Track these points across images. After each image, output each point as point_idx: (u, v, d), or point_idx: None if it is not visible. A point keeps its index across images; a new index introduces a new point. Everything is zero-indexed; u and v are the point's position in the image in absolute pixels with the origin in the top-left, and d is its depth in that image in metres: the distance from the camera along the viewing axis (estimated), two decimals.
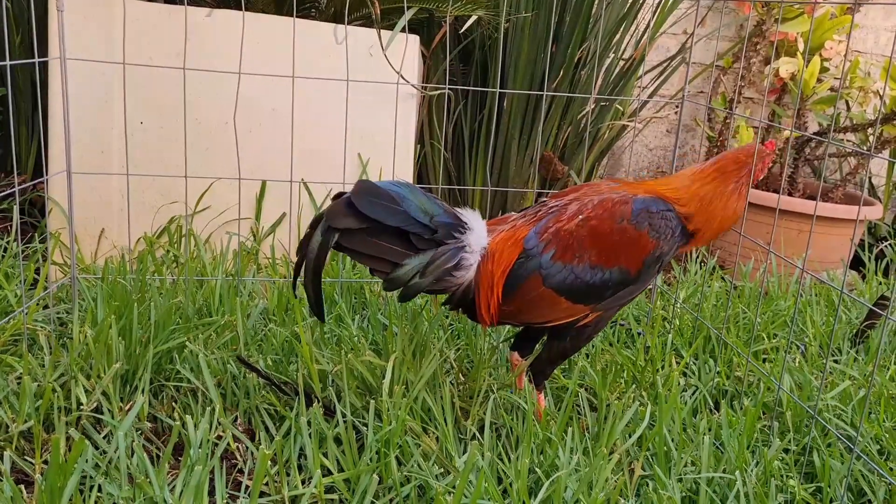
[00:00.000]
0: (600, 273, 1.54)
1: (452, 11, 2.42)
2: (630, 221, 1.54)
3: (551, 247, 1.55)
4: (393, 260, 1.51)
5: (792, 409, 1.76)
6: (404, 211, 1.49)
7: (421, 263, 1.52)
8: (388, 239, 1.51)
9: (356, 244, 1.50)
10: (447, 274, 1.55)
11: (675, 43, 3.56)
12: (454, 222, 1.55)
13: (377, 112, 2.38)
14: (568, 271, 1.54)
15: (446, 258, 1.54)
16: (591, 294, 1.56)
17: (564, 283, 1.54)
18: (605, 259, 1.54)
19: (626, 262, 1.55)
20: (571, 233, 1.55)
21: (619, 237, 1.54)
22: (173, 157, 2.30)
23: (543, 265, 1.55)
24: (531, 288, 1.56)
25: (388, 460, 1.44)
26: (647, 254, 1.55)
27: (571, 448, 1.51)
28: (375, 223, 1.48)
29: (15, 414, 1.51)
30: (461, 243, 1.55)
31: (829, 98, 3.18)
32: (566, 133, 3.03)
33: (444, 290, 1.59)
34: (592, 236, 1.54)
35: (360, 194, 1.47)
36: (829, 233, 3.04)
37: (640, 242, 1.54)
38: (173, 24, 2.26)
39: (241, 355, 1.74)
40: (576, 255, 1.54)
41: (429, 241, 1.53)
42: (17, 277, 2.05)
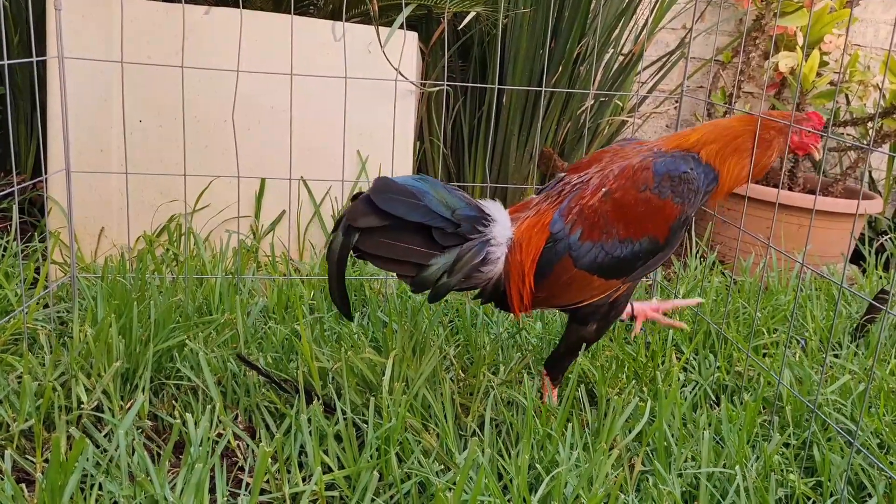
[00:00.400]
0: (630, 246, 1.53)
1: (451, 8, 2.42)
2: (653, 190, 1.52)
3: (577, 226, 1.53)
4: (418, 261, 1.49)
5: (792, 403, 1.76)
6: (425, 206, 1.46)
7: (447, 262, 1.50)
8: (410, 239, 1.48)
9: (379, 248, 1.47)
10: (475, 270, 1.52)
11: (674, 38, 3.56)
12: (477, 215, 1.52)
13: (376, 109, 2.38)
14: (598, 249, 1.53)
15: (473, 254, 1.51)
16: (622, 268, 1.54)
17: (595, 261, 1.53)
18: (633, 231, 1.53)
19: (653, 232, 1.53)
20: (596, 209, 1.53)
21: (644, 208, 1.52)
22: (172, 156, 2.30)
23: (573, 247, 1.53)
24: (563, 271, 1.54)
25: (388, 457, 1.45)
26: (674, 220, 1.54)
27: (571, 444, 1.51)
28: (396, 220, 1.45)
29: (16, 413, 1.52)
30: (486, 237, 1.52)
31: (828, 92, 3.17)
32: (565, 129, 3.03)
33: (473, 286, 1.57)
34: (617, 209, 1.52)
35: (379, 191, 1.44)
36: (829, 227, 3.03)
37: (666, 210, 1.52)
38: (171, 22, 2.25)
39: (241, 353, 1.74)
40: (603, 231, 1.53)
41: (453, 235, 1.50)
42: (17, 277, 2.05)
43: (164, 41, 2.25)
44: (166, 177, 2.29)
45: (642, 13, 3.11)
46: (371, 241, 1.47)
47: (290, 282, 2.17)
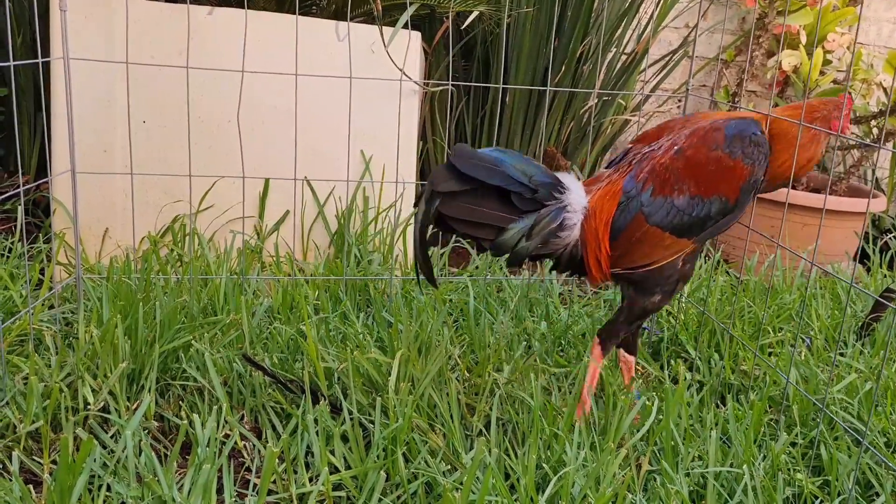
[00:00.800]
0: (700, 204, 1.56)
1: (454, 7, 2.42)
2: (724, 149, 1.54)
3: (649, 184, 1.57)
4: (497, 224, 1.54)
5: (798, 402, 1.76)
6: (503, 171, 1.52)
7: (525, 226, 1.55)
8: (490, 204, 1.53)
9: (461, 212, 1.52)
10: (552, 235, 1.57)
11: (677, 37, 3.55)
12: (553, 182, 1.57)
13: (379, 109, 2.38)
14: (669, 205, 1.56)
15: (550, 219, 1.56)
16: (693, 226, 1.57)
17: (667, 217, 1.56)
18: (703, 189, 1.56)
19: (724, 192, 1.56)
20: (667, 167, 1.56)
21: (714, 166, 1.55)
22: (176, 156, 2.30)
23: (644, 203, 1.57)
24: (636, 228, 1.57)
25: (395, 457, 1.45)
26: (744, 181, 1.56)
27: (578, 443, 1.50)
28: (477, 183, 1.51)
29: (22, 414, 1.52)
30: (562, 203, 1.57)
31: (832, 91, 3.17)
32: (569, 128, 3.02)
33: (550, 252, 1.61)
34: (688, 167, 1.55)
35: (461, 157, 1.51)
36: (834, 226, 3.03)
37: (736, 171, 1.55)
38: (174, 22, 2.25)
39: (246, 353, 1.74)
40: (674, 187, 1.56)
41: (530, 201, 1.55)
42: (23, 278, 2.05)
43: (166, 42, 2.25)
44: (170, 177, 2.29)
45: (645, 12, 3.10)
46: (453, 205, 1.52)
47: (295, 282, 2.17)
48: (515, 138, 2.92)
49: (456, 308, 2.22)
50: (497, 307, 2.19)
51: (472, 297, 2.10)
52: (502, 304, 2.23)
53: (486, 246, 1.58)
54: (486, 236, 1.56)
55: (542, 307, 2.21)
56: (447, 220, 1.55)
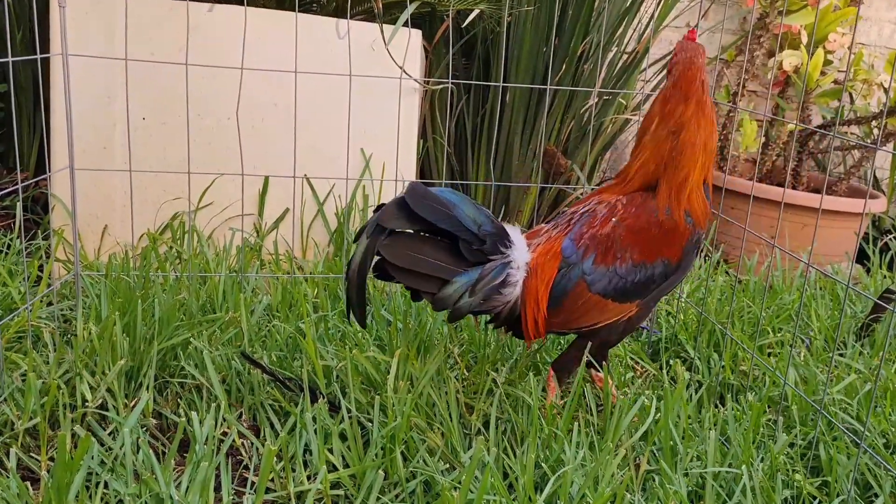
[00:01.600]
0: (643, 269, 1.55)
1: (455, 5, 2.41)
2: (665, 213, 1.55)
3: (591, 251, 1.55)
4: (442, 276, 1.48)
5: (797, 403, 1.76)
6: (455, 216, 1.46)
7: (469, 281, 1.49)
8: (435, 253, 1.48)
9: (404, 259, 1.45)
10: (495, 291, 1.52)
11: (677, 36, 3.55)
12: (500, 235, 1.52)
13: (379, 107, 2.37)
14: (612, 274, 1.55)
15: (494, 274, 1.51)
16: (637, 291, 1.56)
17: (610, 285, 1.55)
18: (647, 254, 1.55)
19: (667, 254, 1.56)
20: (609, 235, 1.55)
21: (656, 230, 1.55)
22: (175, 153, 2.29)
23: (587, 271, 1.55)
24: (578, 296, 1.56)
25: (393, 456, 1.44)
26: (686, 241, 1.57)
27: (577, 443, 1.50)
28: (426, 225, 1.44)
29: (20, 411, 1.51)
30: (507, 258, 1.53)
31: (832, 91, 3.17)
32: (569, 127, 3.02)
33: (491, 308, 1.56)
34: (630, 234, 1.55)
35: (414, 195, 1.44)
36: (833, 226, 3.03)
37: (678, 232, 1.56)
38: (174, 19, 2.25)
39: (245, 351, 1.74)
40: (617, 255, 1.55)
41: (477, 252, 1.49)
42: (21, 274, 2.05)
43: (166, 38, 2.25)
44: (169, 174, 2.29)
45: (646, 11, 3.10)
46: (397, 250, 1.45)
47: (294, 280, 2.16)
48: (515, 137, 2.91)
49: None
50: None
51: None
52: None
53: (428, 299, 1.51)
54: (429, 289, 1.49)
55: None
56: (388, 267, 1.47)
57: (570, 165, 2.97)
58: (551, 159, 2.98)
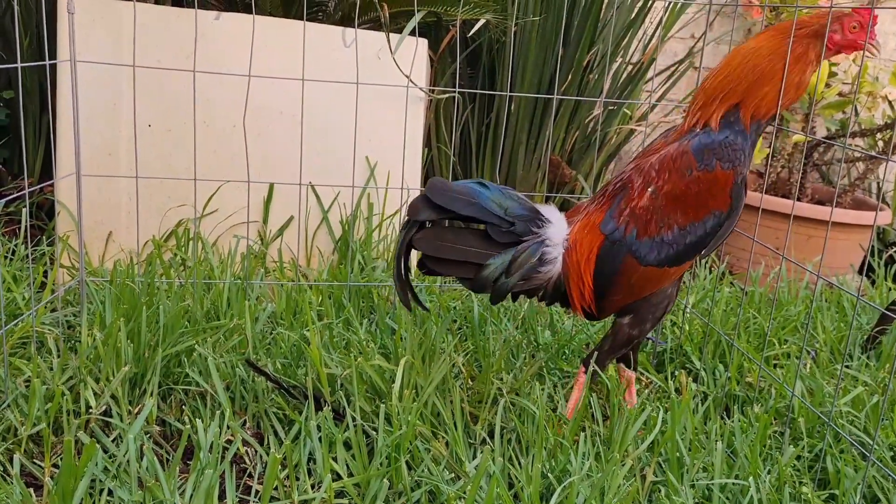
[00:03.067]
0: (694, 229, 1.53)
1: (461, 15, 2.42)
2: (699, 168, 1.50)
3: (631, 226, 1.54)
4: (476, 261, 1.54)
5: (804, 415, 1.74)
6: (478, 203, 1.52)
7: (504, 262, 1.54)
8: (467, 240, 1.54)
9: (438, 250, 1.53)
10: (533, 270, 1.56)
11: (682, 47, 3.55)
12: (531, 215, 1.56)
13: (385, 115, 2.38)
14: (659, 243, 1.53)
15: (528, 254, 1.55)
16: (693, 250, 1.54)
17: (661, 254, 1.53)
18: (693, 214, 1.52)
19: (715, 206, 1.52)
20: (647, 208, 1.53)
21: (696, 188, 1.50)
22: (181, 160, 2.29)
23: (633, 247, 1.54)
24: (630, 272, 1.55)
25: (398, 465, 1.43)
26: (731, 186, 1.51)
27: (583, 453, 1.49)
28: (451, 214, 1.51)
29: (24, 417, 1.51)
30: (540, 237, 1.56)
31: (837, 103, 3.17)
32: (574, 137, 3.02)
33: (534, 287, 1.60)
34: (670, 202, 1.52)
35: (435, 189, 1.52)
36: (838, 238, 3.02)
37: (719, 181, 1.50)
38: (180, 26, 2.25)
39: (249, 359, 1.73)
40: (660, 225, 1.53)
41: (507, 234, 1.54)
42: (26, 280, 2.05)
43: (173, 45, 2.25)
44: (174, 181, 2.29)
45: (651, 22, 3.10)
46: (429, 242, 1.53)
47: (299, 287, 2.16)
48: (520, 146, 2.91)
49: (460, 315, 2.21)
50: (501, 315, 2.18)
51: (476, 305, 2.09)
52: (506, 312, 2.22)
53: (467, 285, 1.57)
54: (465, 274, 1.56)
55: (546, 316, 2.20)
56: (425, 260, 1.55)
57: (575, 175, 2.97)
58: (556, 169, 2.98)
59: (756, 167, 3.43)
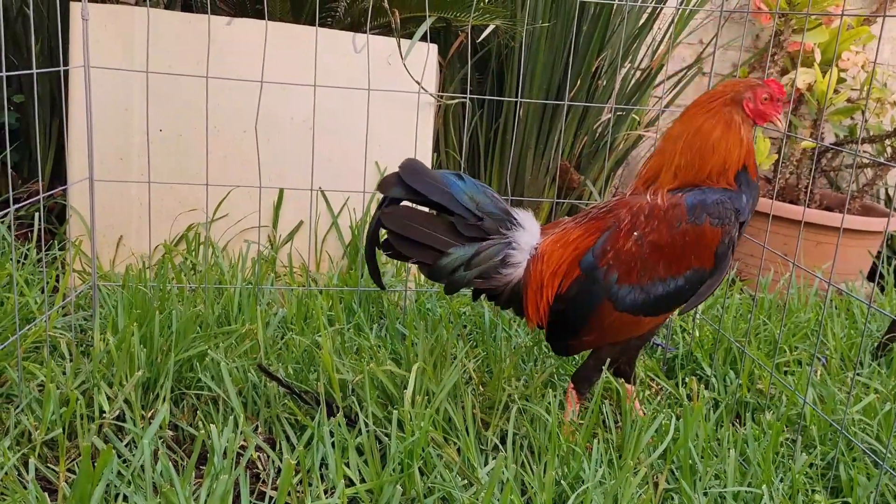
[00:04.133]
0: (673, 281, 1.51)
1: (471, 21, 2.42)
2: (688, 221, 1.49)
3: (613, 271, 1.52)
4: (437, 247, 1.54)
5: (816, 422, 1.74)
6: (449, 192, 1.52)
7: (465, 255, 1.54)
8: (433, 225, 1.54)
9: (403, 228, 1.53)
10: (494, 270, 1.55)
11: (691, 53, 3.56)
12: (502, 216, 1.56)
13: (394, 120, 2.38)
14: (638, 291, 1.52)
15: (491, 252, 1.55)
16: (670, 302, 1.53)
17: (637, 302, 1.52)
18: (674, 267, 1.51)
19: (697, 261, 1.51)
20: (632, 253, 1.51)
21: (682, 241, 1.50)
22: (191, 165, 2.30)
23: (611, 292, 1.52)
24: (605, 315, 1.54)
25: (411, 471, 1.44)
26: (717, 244, 1.50)
27: (596, 460, 1.49)
28: (420, 196, 1.52)
29: (38, 421, 1.51)
30: (507, 239, 1.56)
31: (846, 109, 3.16)
32: (582, 142, 3.02)
33: (491, 287, 1.59)
34: (655, 251, 1.51)
35: (407, 170, 1.53)
36: (848, 244, 3.02)
37: (706, 236, 1.50)
38: (191, 33, 2.26)
39: (261, 364, 1.73)
40: (641, 274, 1.51)
41: (474, 228, 1.54)
42: (38, 284, 2.05)
43: (184, 51, 2.26)
44: (184, 186, 2.29)
45: (660, 28, 3.11)
46: (394, 219, 1.54)
47: (309, 292, 2.16)
48: (529, 152, 2.91)
49: (470, 321, 2.21)
50: (511, 321, 2.18)
51: (486, 311, 2.09)
52: (515, 318, 2.22)
53: (424, 271, 1.57)
54: (425, 259, 1.55)
55: None
56: (389, 237, 1.55)
57: (583, 181, 2.97)
58: (564, 174, 2.99)
59: (765, 173, 3.43)
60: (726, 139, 1.52)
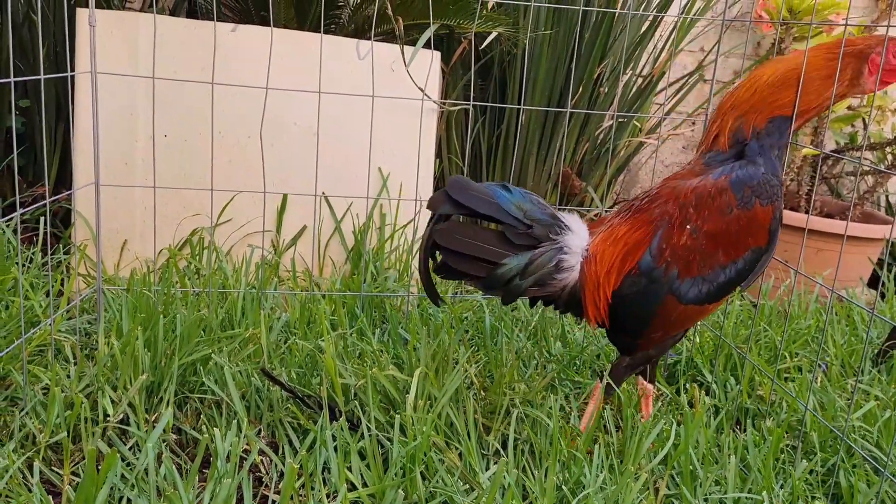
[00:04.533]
0: (733, 266, 1.53)
1: (474, 28, 2.44)
2: (738, 206, 1.50)
3: (673, 267, 1.53)
4: (491, 259, 1.54)
5: (817, 429, 1.75)
6: (496, 203, 1.53)
7: (520, 264, 1.54)
8: (485, 237, 1.55)
9: (455, 243, 1.53)
10: (549, 276, 1.56)
11: (692, 60, 3.57)
12: (551, 221, 1.56)
13: (398, 127, 2.40)
14: (701, 282, 1.53)
15: (545, 259, 1.55)
16: (730, 286, 1.55)
17: (702, 293, 1.53)
18: (733, 252, 1.52)
19: (753, 242, 1.52)
20: (689, 248, 1.52)
21: (736, 227, 1.50)
22: (195, 170, 2.32)
23: (673, 287, 1.53)
24: (669, 311, 1.55)
25: (413, 475, 1.44)
26: (770, 222, 1.52)
27: (597, 465, 1.50)
28: (469, 210, 1.53)
29: (42, 424, 1.52)
30: (558, 244, 1.56)
31: (846, 116, 3.18)
32: (584, 149, 3.04)
33: (548, 293, 1.60)
34: (711, 242, 1.52)
35: (455, 187, 1.53)
36: (848, 251, 3.03)
37: (759, 218, 1.51)
38: (196, 39, 2.28)
39: (265, 368, 1.74)
40: (700, 265, 1.52)
41: (525, 236, 1.54)
42: (43, 288, 2.07)
43: (189, 57, 2.28)
44: (189, 191, 2.31)
45: (661, 36, 3.12)
46: (447, 235, 1.54)
47: (312, 297, 2.17)
48: (531, 158, 2.93)
49: (472, 326, 2.22)
50: (513, 326, 2.19)
51: (487, 316, 2.10)
52: (517, 323, 2.24)
53: (479, 285, 1.57)
54: (478, 272, 1.55)
55: (558, 327, 2.21)
56: (442, 253, 1.55)
57: (585, 187, 2.98)
58: (566, 180, 3.00)
59: None
60: (828, 87, 1.50)
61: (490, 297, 1.80)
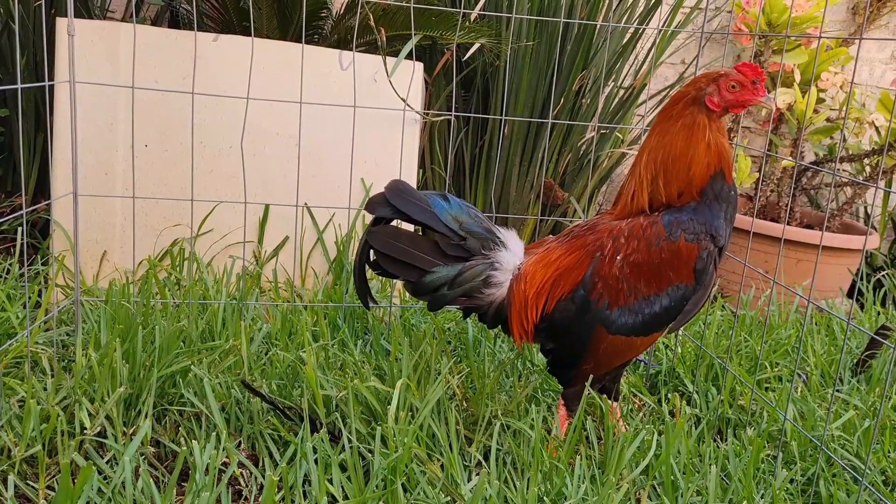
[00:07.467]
0: (657, 299, 1.53)
1: (456, 39, 2.45)
2: (665, 239, 1.51)
3: (604, 297, 1.55)
4: (419, 265, 1.57)
5: (797, 438, 1.76)
6: (432, 212, 1.55)
7: (448, 275, 1.57)
8: (418, 245, 1.57)
9: (388, 247, 1.56)
10: (477, 290, 1.58)
11: (673, 72, 3.61)
12: (486, 235, 1.58)
13: (380, 137, 2.40)
14: (627, 312, 1.54)
15: (474, 272, 1.58)
16: (657, 321, 1.55)
17: (627, 324, 1.54)
18: (655, 284, 1.53)
19: (676, 278, 1.53)
20: (617, 276, 1.54)
21: (658, 258, 1.52)
22: (177, 180, 2.30)
23: (601, 316, 1.55)
24: (599, 340, 1.56)
25: (394, 487, 1.43)
26: (694, 260, 1.52)
27: (579, 476, 1.50)
28: (405, 216, 1.55)
29: (18, 437, 1.50)
30: (490, 259, 1.58)
31: (825, 128, 3.21)
32: (566, 160, 3.05)
33: (475, 306, 1.62)
34: (635, 270, 1.53)
35: (393, 190, 1.56)
36: (828, 262, 3.06)
37: (682, 253, 1.51)
38: (178, 48, 2.27)
39: (245, 380, 1.73)
40: (627, 294, 1.54)
41: (457, 247, 1.56)
42: (20, 299, 2.04)
43: (170, 67, 2.27)
44: (170, 201, 2.29)
45: (643, 48, 3.15)
46: (380, 237, 1.57)
47: (294, 308, 2.16)
48: (513, 169, 2.94)
49: (454, 336, 2.22)
50: (495, 336, 2.19)
51: (470, 327, 2.10)
52: (499, 334, 2.23)
53: (408, 288, 1.61)
54: (409, 277, 1.59)
55: None
56: (376, 255, 1.58)
57: (568, 198, 3.00)
58: (548, 191, 3.01)
59: (746, 191, 3.47)
60: (691, 147, 1.51)
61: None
